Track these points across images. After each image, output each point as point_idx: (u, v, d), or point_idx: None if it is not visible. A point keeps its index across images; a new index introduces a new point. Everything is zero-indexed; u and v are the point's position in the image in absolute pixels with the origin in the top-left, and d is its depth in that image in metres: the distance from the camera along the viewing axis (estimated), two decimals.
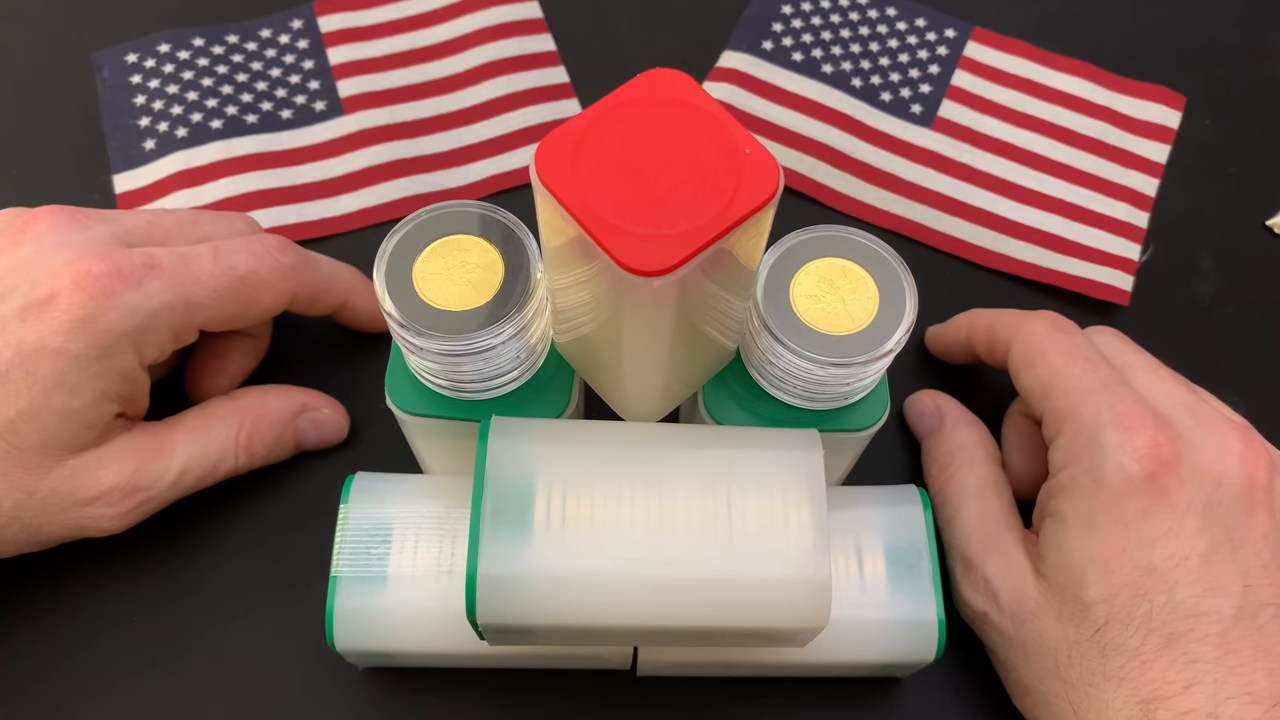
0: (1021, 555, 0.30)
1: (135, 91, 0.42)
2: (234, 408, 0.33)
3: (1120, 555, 0.28)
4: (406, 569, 0.28)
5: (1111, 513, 0.28)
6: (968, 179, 0.43)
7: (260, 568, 0.33)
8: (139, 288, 0.29)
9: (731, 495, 0.25)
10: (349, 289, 0.35)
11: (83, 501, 0.30)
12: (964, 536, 0.32)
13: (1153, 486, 0.28)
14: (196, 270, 0.30)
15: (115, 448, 0.30)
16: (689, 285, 0.22)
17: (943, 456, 0.34)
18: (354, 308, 0.36)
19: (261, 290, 0.32)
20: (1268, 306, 0.41)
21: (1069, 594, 0.28)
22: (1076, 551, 0.28)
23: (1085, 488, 0.29)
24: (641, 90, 0.22)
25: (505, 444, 0.25)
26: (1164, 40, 0.47)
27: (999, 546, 0.31)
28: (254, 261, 0.32)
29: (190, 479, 0.32)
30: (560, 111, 0.43)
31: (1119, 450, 0.28)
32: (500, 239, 0.26)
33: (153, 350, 0.30)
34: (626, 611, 0.24)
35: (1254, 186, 0.44)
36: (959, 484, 0.33)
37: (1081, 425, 0.29)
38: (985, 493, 0.32)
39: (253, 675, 0.32)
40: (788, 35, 0.46)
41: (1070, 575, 0.28)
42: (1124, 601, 0.27)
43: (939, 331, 0.38)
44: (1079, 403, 0.30)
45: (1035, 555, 0.30)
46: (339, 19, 0.45)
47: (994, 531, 0.31)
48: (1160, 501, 0.28)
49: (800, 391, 0.27)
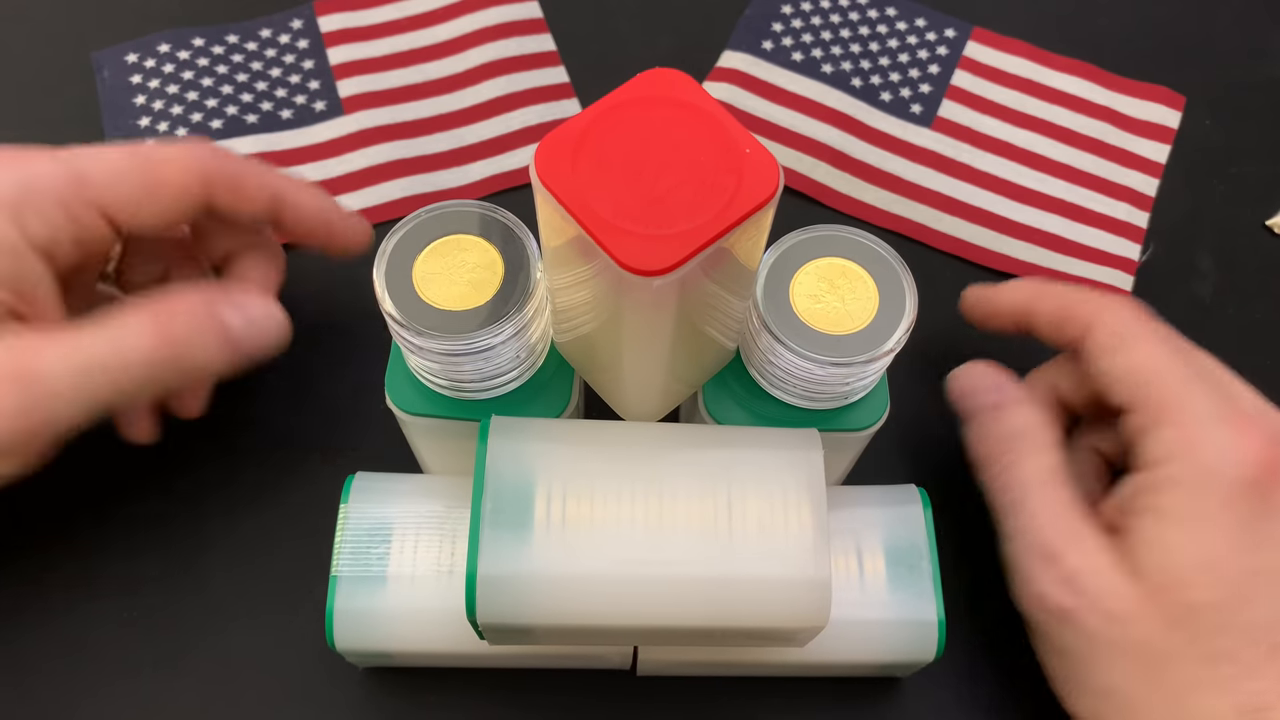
0: (1109, 550, 0.28)
1: (135, 91, 0.42)
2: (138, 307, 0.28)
3: (1229, 558, 0.26)
4: (406, 569, 0.28)
5: (1221, 513, 0.27)
6: (968, 179, 0.43)
7: (260, 567, 0.33)
8: (19, 159, 0.28)
9: (731, 495, 0.25)
10: (279, 179, 0.32)
11: None
12: (1040, 525, 0.29)
13: (1260, 491, 0.27)
14: (92, 151, 0.29)
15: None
16: (689, 285, 0.22)
17: (1004, 438, 0.31)
18: (294, 204, 0.32)
19: (166, 166, 0.29)
20: (1268, 306, 0.41)
21: (1170, 595, 0.27)
22: (1182, 551, 0.27)
23: (1193, 484, 0.27)
24: (641, 90, 0.22)
25: (505, 444, 0.25)
26: (1164, 40, 0.47)
27: (1083, 539, 0.28)
28: (158, 144, 0.30)
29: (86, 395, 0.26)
30: (560, 111, 0.43)
31: (1232, 451, 0.27)
32: (500, 239, 0.26)
33: (40, 226, 0.27)
34: (626, 611, 0.24)
35: (1254, 186, 0.44)
36: (1026, 469, 0.30)
37: (1188, 419, 0.28)
38: (1057, 482, 0.30)
39: (253, 675, 0.32)
40: (788, 35, 0.46)
41: (1172, 575, 0.27)
42: (1231, 608, 0.26)
43: (989, 296, 0.35)
44: (1183, 396, 0.28)
45: (1124, 551, 0.28)
46: (339, 19, 0.45)
47: (1075, 523, 0.29)
48: (1267, 506, 0.27)
49: (800, 391, 0.27)
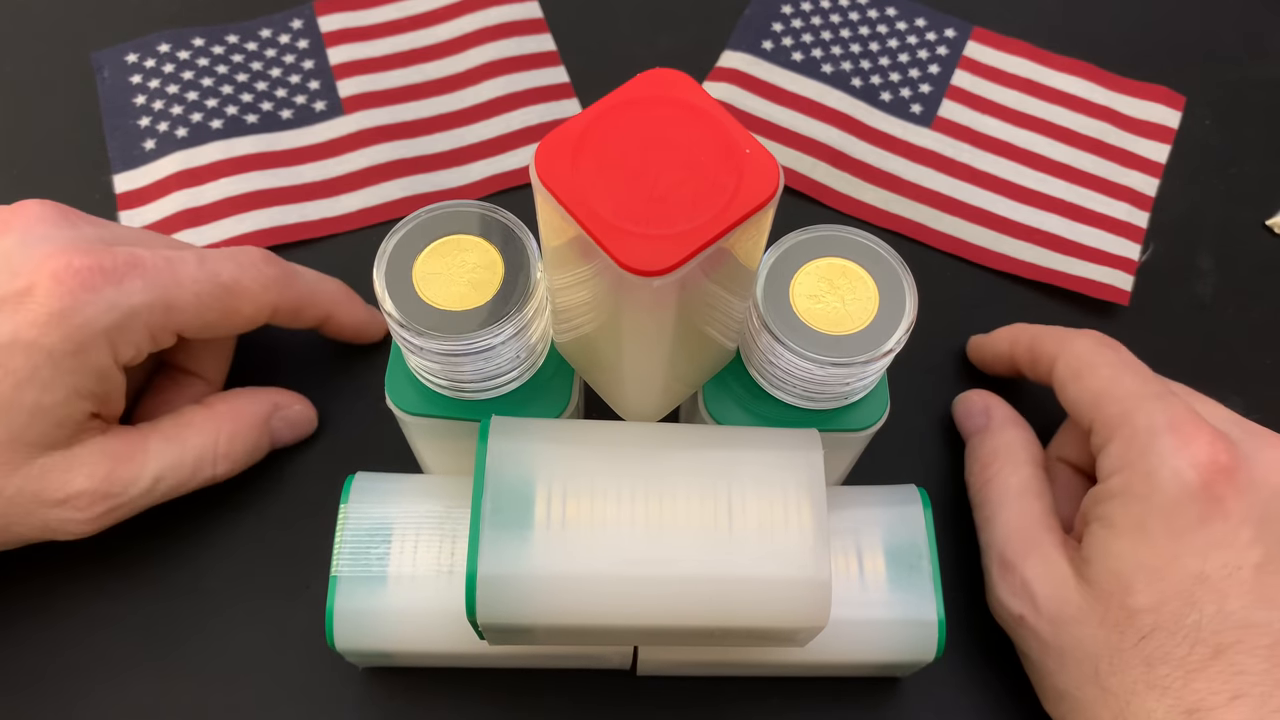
0: (1063, 559, 0.29)
1: (135, 91, 0.42)
2: (210, 414, 0.33)
3: (1171, 563, 0.27)
4: (406, 569, 0.28)
5: (1165, 519, 0.27)
6: (968, 179, 0.43)
7: (260, 568, 0.33)
8: (119, 284, 0.28)
9: (731, 495, 0.25)
10: (332, 302, 0.35)
11: (50, 503, 0.29)
12: (1002, 537, 0.31)
13: (1208, 495, 0.27)
14: (180, 273, 0.30)
15: (87, 450, 0.29)
16: (689, 285, 0.22)
17: (986, 456, 0.33)
18: (338, 320, 0.35)
19: (243, 299, 0.31)
20: (1268, 306, 0.41)
21: (1114, 600, 0.28)
22: (1126, 557, 0.28)
23: (1138, 493, 0.28)
24: (641, 90, 0.22)
25: (505, 444, 0.25)
26: (1164, 40, 0.47)
27: (1039, 549, 0.30)
28: (238, 270, 0.31)
29: (164, 487, 0.31)
30: (560, 111, 0.43)
31: (1176, 456, 0.28)
32: (500, 239, 0.26)
33: (129, 350, 0.29)
34: (626, 611, 0.24)
35: (1254, 186, 0.44)
36: (1000, 484, 0.32)
37: (1136, 430, 0.29)
38: (1027, 495, 0.32)
39: (252, 675, 0.32)
40: (788, 35, 0.46)
41: (1117, 581, 0.28)
42: (1172, 610, 0.27)
43: (980, 344, 0.37)
44: (1133, 409, 0.29)
45: (1078, 560, 0.29)
46: (339, 19, 0.45)
47: (1034, 534, 0.30)
48: (1215, 510, 0.27)
49: (800, 391, 0.27)
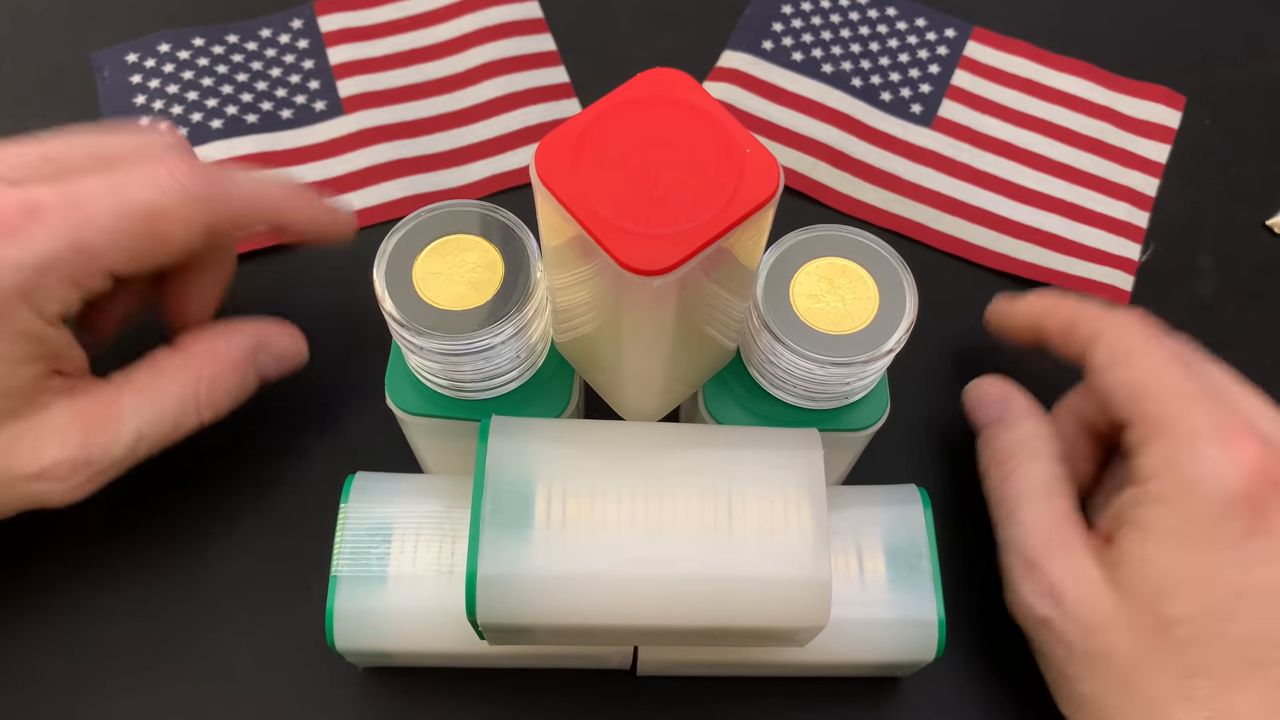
0: (1092, 561, 0.28)
1: (135, 91, 0.42)
2: (186, 360, 0.30)
3: (1213, 574, 0.26)
4: (406, 569, 0.28)
5: (1206, 529, 0.27)
6: (968, 179, 0.43)
7: (260, 567, 0.33)
8: (19, 238, 0.26)
9: (731, 495, 0.25)
10: (282, 205, 0.31)
11: (26, 476, 0.27)
12: (1026, 534, 0.30)
13: (1252, 508, 0.26)
14: (87, 210, 0.27)
15: (55, 415, 0.27)
16: (689, 285, 0.22)
17: (1004, 449, 0.32)
18: (294, 224, 0.32)
19: (169, 223, 0.28)
20: (1268, 306, 0.41)
21: (1149, 608, 0.27)
22: (1163, 565, 0.27)
23: (1178, 500, 0.27)
24: (641, 90, 0.22)
25: (505, 444, 0.25)
26: (1164, 40, 0.47)
27: (1066, 549, 0.29)
28: (156, 193, 0.27)
29: (146, 444, 0.29)
30: (560, 111, 0.43)
31: (1221, 465, 0.27)
32: (500, 239, 0.26)
33: (54, 305, 0.27)
34: (626, 611, 0.24)
35: (1254, 186, 0.44)
36: (1022, 479, 0.31)
37: (1179, 434, 0.28)
38: (1051, 492, 0.30)
39: (253, 675, 0.32)
40: (788, 35, 0.46)
41: (1153, 589, 0.27)
42: (1211, 622, 0.26)
43: (1010, 308, 0.35)
44: (1177, 410, 0.28)
45: (1108, 562, 0.28)
46: (339, 19, 0.45)
47: (1061, 533, 0.29)
48: (1260, 523, 0.26)
49: (800, 391, 0.27)
